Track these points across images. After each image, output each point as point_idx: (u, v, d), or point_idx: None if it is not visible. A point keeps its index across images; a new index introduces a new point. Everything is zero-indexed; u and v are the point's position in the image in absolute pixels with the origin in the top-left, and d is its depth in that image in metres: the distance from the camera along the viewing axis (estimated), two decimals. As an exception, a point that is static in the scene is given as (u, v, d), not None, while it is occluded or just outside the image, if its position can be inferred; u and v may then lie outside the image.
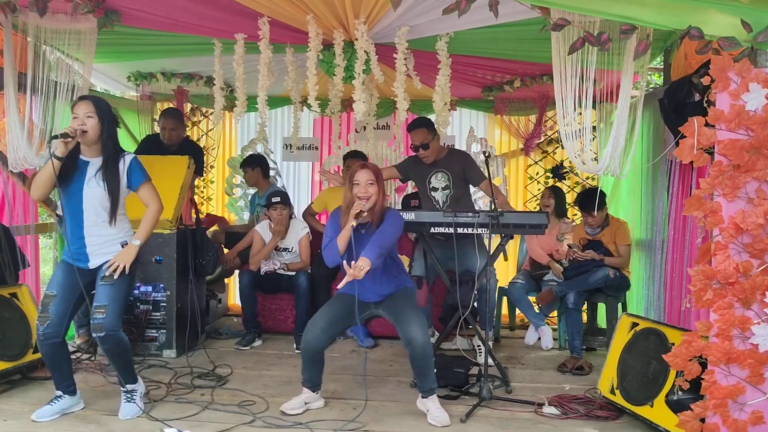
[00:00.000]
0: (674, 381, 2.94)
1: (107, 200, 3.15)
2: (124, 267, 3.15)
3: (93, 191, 3.14)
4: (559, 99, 3.21)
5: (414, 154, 4.43)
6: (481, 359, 4.13)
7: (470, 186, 4.49)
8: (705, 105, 2.72)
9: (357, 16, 3.82)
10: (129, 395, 3.32)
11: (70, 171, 3.12)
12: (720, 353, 2.67)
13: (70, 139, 3.02)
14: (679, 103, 3.48)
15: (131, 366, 3.34)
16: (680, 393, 2.89)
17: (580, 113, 3.21)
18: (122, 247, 3.23)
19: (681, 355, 2.74)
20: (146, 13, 3.82)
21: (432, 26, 3.94)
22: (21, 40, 3.83)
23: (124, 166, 3.21)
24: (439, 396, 3.66)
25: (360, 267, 3.12)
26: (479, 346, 4.36)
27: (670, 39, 4.02)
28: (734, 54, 2.66)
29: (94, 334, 3.14)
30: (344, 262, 3.20)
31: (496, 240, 3.88)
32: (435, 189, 4.39)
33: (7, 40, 3.68)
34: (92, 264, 3.21)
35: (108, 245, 3.21)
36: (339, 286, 3.30)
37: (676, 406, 2.91)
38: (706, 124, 2.68)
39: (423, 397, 3.39)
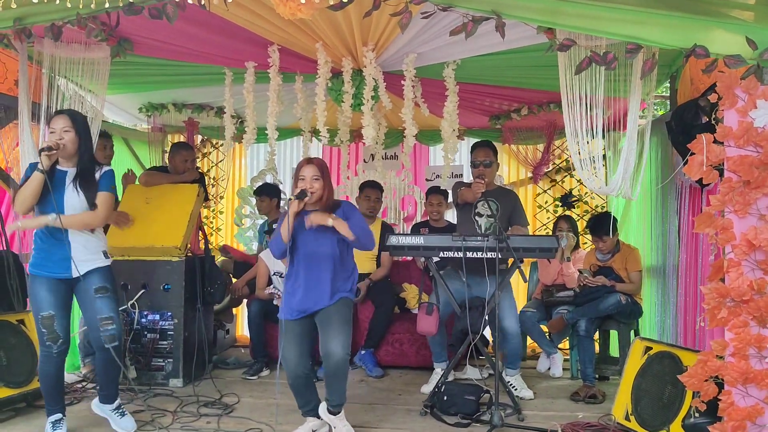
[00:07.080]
0: (690, 403, 2.88)
1: (85, 207, 3.20)
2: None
3: (72, 199, 3.19)
4: (568, 122, 3.21)
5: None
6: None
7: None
8: (713, 123, 2.72)
9: (365, 44, 3.89)
10: (119, 410, 3.41)
11: (49, 181, 3.15)
12: (737, 373, 2.61)
13: (53, 152, 3.09)
14: (686, 125, 3.49)
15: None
16: (697, 416, 2.83)
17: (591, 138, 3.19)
18: (105, 256, 3.32)
19: (696, 375, 2.68)
20: (158, 42, 3.88)
21: (438, 53, 3.99)
22: (36, 71, 3.90)
23: (99, 174, 3.27)
24: (449, 423, 3.60)
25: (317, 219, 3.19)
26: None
27: (675, 65, 4.05)
28: (740, 72, 2.67)
29: (106, 345, 3.19)
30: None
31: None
32: (480, 215, 4.28)
33: (22, 67, 3.75)
34: (80, 270, 3.21)
35: (91, 252, 3.27)
36: None
37: (693, 430, 2.83)
38: (715, 141, 2.68)
39: (330, 413, 3.33)
